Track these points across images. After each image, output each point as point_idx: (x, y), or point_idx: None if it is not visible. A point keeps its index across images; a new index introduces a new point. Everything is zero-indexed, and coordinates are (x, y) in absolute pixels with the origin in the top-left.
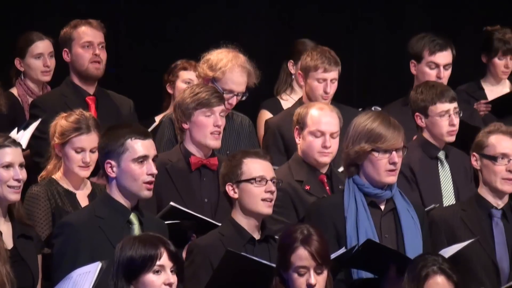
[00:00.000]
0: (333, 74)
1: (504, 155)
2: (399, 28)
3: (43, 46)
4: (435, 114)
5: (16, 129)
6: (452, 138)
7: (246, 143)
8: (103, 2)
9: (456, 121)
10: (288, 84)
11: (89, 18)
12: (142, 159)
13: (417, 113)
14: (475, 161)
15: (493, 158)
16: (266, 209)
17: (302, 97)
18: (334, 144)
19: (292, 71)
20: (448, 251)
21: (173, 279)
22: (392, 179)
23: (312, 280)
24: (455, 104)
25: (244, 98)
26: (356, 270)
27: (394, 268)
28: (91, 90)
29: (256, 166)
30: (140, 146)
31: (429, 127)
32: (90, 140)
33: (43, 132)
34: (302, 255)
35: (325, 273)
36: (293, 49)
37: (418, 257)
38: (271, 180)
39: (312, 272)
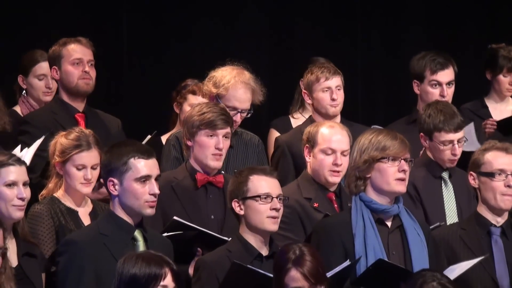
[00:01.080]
0: (336, 81)
1: (501, 171)
2: (401, 48)
3: (46, 67)
4: (438, 141)
5: (19, 146)
6: (452, 165)
7: (255, 161)
8: (105, 20)
9: (459, 150)
10: (300, 102)
11: (93, 36)
12: (144, 178)
13: (422, 134)
14: (473, 180)
15: (491, 175)
16: (272, 226)
17: (311, 115)
18: (345, 162)
19: None
20: (455, 270)
21: None
22: (402, 188)
23: None
24: (460, 134)
25: (249, 115)
26: None
27: (405, 287)
28: (80, 107)
29: (262, 184)
30: (144, 166)
31: (431, 149)
32: (91, 156)
33: (37, 149)
34: (295, 277)
35: None
36: (305, 68)
37: (416, 274)
38: (277, 197)
39: None
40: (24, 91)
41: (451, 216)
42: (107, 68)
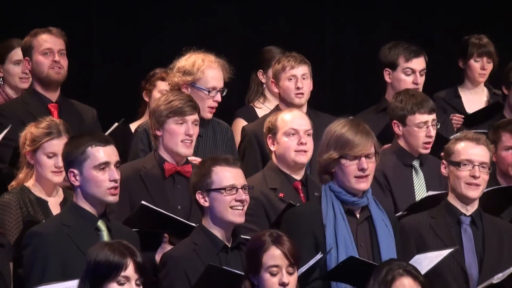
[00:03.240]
0: (302, 69)
1: (469, 161)
2: (370, 38)
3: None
4: (413, 124)
5: None
6: (427, 151)
7: (223, 149)
8: (75, 16)
9: (433, 132)
10: (260, 93)
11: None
12: (103, 165)
13: (395, 121)
14: (444, 169)
15: (457, 164)
16: (237, 218)
17: (278, 104)
18: (309, 142)
19: (263, 80)
20: (422, 261)
21: None
22: (363, 185)
23: (285, 279)
24: (433, 116)
25: (224, 93)
26: (336, 282)
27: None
28: (53, 97)
29: (226, 175)
30: (102, 153)
31: (405, 136)
32: (61, 144)
33: (7, 138)
34: (274, 254)
35: (295, 274)
36: (260, 58)
37: (383, 263)
38: (242, 188)
39: (284, 271)
40: (0, 79)
41: None
42: (77, 60)
